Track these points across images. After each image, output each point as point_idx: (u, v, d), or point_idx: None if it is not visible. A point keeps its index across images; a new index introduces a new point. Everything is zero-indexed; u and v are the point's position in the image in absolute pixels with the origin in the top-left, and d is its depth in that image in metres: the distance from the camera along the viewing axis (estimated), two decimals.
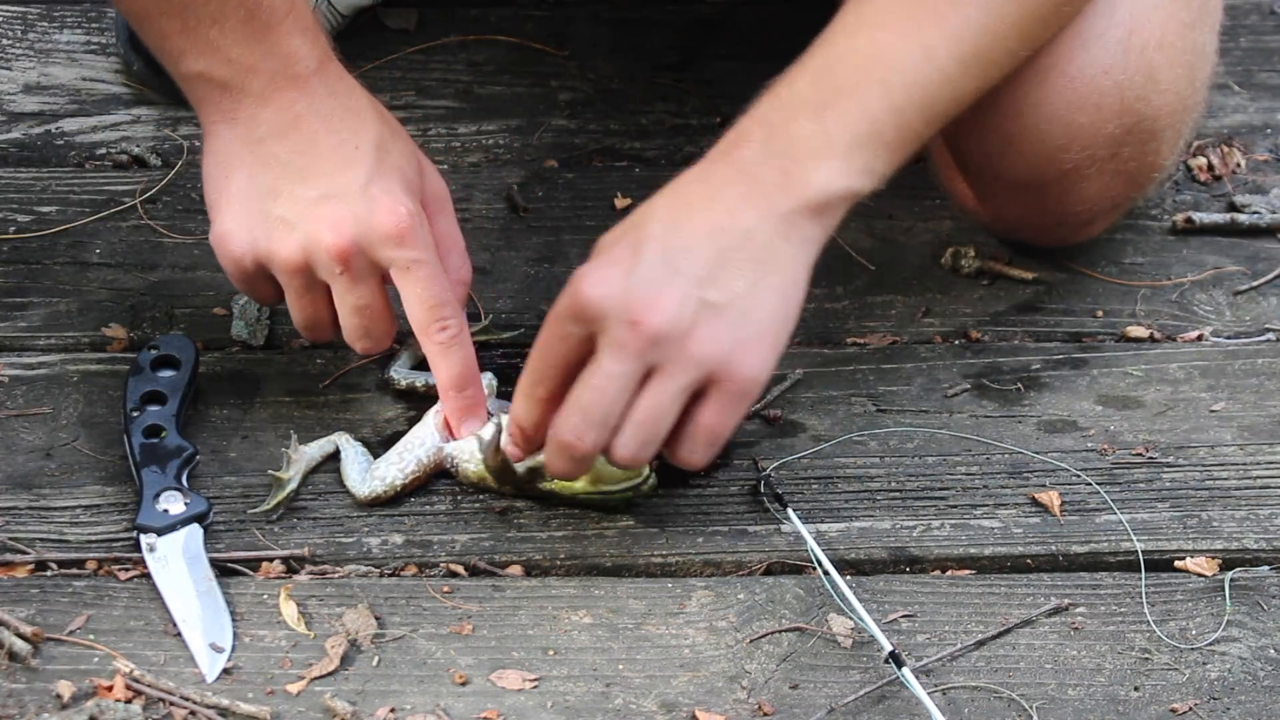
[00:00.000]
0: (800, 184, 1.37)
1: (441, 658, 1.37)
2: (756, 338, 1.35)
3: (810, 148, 1.37)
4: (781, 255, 1.37)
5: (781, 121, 1.39)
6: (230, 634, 1.37)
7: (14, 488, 1.47)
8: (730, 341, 1.34)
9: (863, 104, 1.38)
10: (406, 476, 1.47)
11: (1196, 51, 1.57)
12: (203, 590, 1.39)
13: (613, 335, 1.34)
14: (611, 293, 1.34)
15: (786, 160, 1.37)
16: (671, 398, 1.34)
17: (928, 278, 1.68)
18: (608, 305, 1.34)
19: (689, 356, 1.34)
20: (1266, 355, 1.62)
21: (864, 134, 1.38)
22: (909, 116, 1.39)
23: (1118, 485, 1.51)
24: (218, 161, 1.47)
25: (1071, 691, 1.37)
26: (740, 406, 1.36)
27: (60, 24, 1.90)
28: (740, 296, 1.35)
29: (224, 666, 1.35)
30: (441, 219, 1.50)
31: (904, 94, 1.39)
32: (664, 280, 1.34)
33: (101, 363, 1.57)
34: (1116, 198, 1.61)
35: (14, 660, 1.35)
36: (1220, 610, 1.42)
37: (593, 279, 1.35)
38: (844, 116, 1.38)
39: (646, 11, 1.93)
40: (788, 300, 1.37)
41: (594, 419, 1.34)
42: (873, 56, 1.40)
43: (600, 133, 1.82)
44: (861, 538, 1.47)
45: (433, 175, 1.51)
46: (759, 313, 1.36)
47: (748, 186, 1.37)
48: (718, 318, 1.34)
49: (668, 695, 1.36)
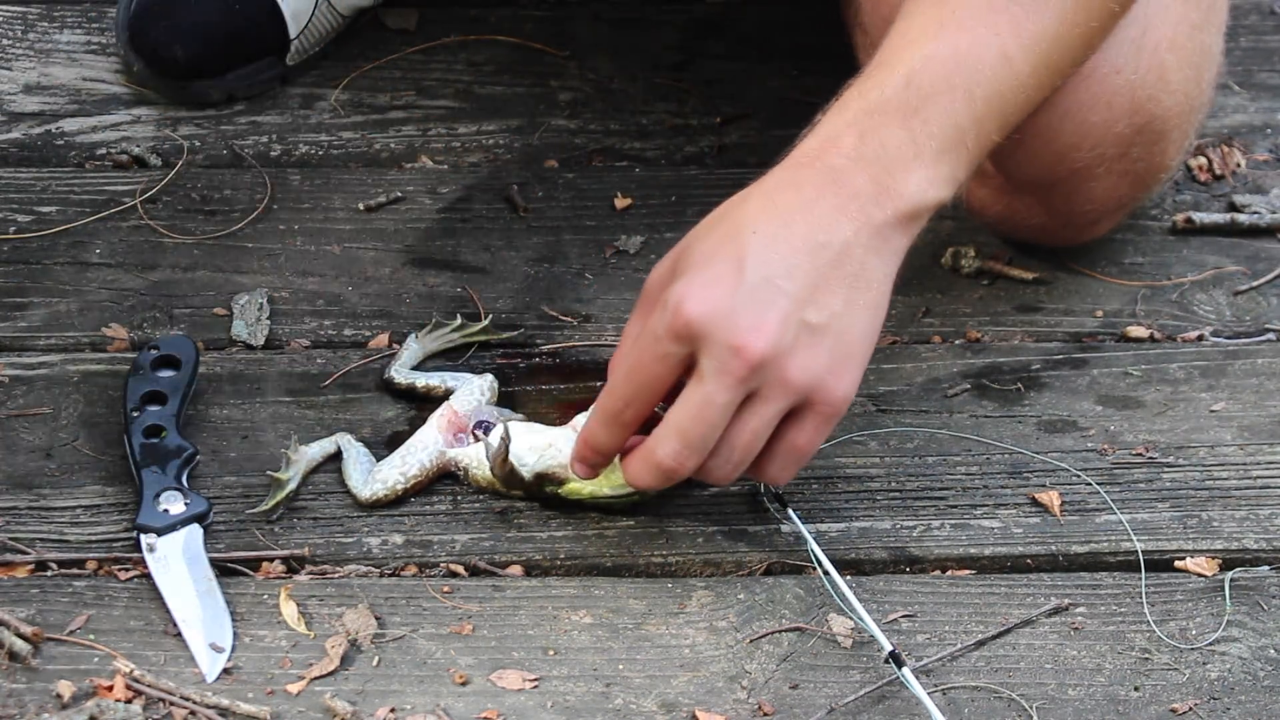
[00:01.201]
0: (893, 194, 1.36)
1: (441, 658, 1.37)
2: (850, 358, 1.36)
3: (901, 156, 1.37)
4: (874, 270, 1.36)
5: (872, 128, 1.37)
6: (230, 634, 1.37)
7: (14, 488, 1.47)
8: (827, 364, 1.35)
9: (949, 112, 1.38)
10: (408, 480, 1.47)
11: (1204, 53, 1.57)
12: (203, 590, 1.39)
13: (717, 359, 1.33)
14: (717, 313, 1.33)
15: (879, 169, 1.36)
16: (768, 422, 1.35)
17: (928, 278, 1.68)
18: (712, 327, 1.33)
19: (789, 381, 1.34)
20: (1266, 355, 1.62)
21: (950, 143, 1.38)
22: (988, 125, 1.39)
23: (1118, 485, 1.51)
24: None
25: (1071, 691, 1.37)
26: (830, 426, 1.37)
27: (60, 24, 1.90)
28: (837, 316, 1.35)
29: (224, 666, 1.35)
30: None
31: (985, 103, 1.39)
32: (768, 302, 1.33)
33: (101, 363, 1.57)
34: (1123, 198, 1.61)
35: (14, 660, 1.35)
36: (1220, 610, 1.42)
37: (696, 298, 1.33)
38: (931, 124, 1.37)
39: (646, 11, 1.93)
40: (877, 316, 1.37)
41: (694, 445, 1.35)
42: (957, 64, 1.39)
43: (600, 133, 1.82)
44: (861, 538, 1.47)
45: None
46: (853, 332, 1.36)
47: (842, 197, 1.36)
48: (816, 340, 1.34)
49: (668, 695, 1.36)
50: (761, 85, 1.86)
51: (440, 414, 1.49)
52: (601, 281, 1.66)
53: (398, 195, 1.74)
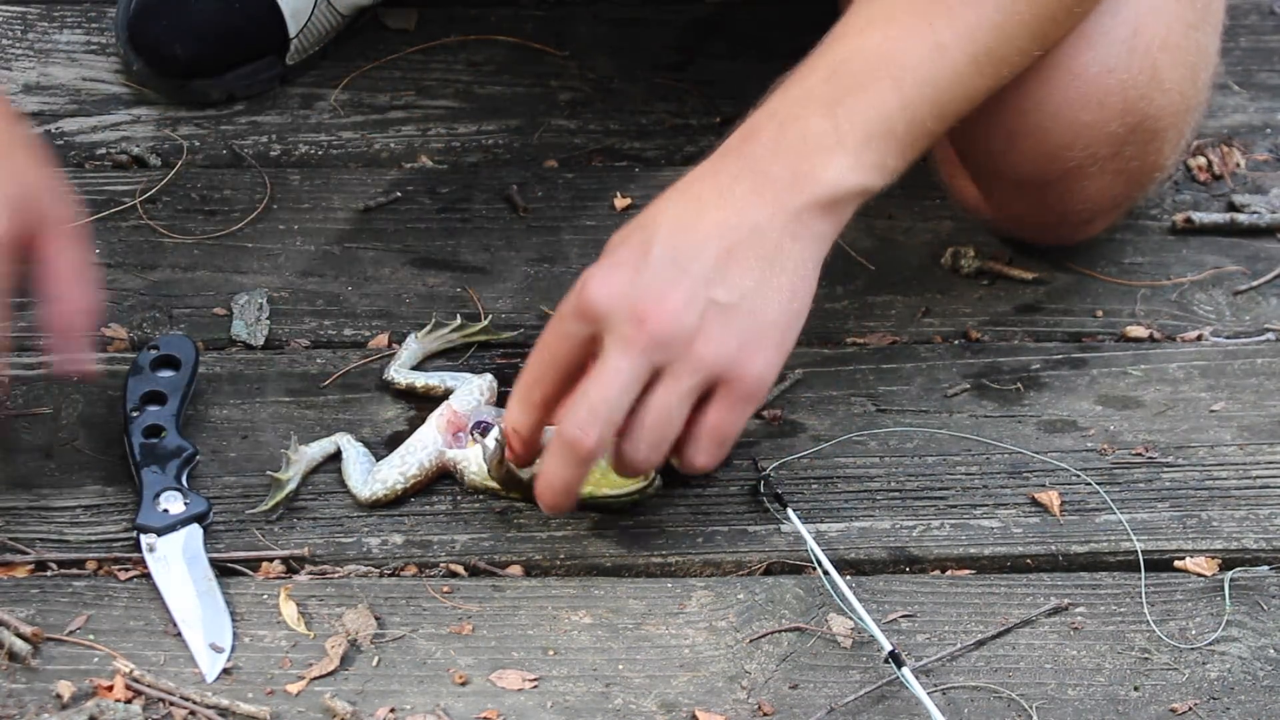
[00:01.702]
0: (810, 180, 1.37)
1: (441, 658, 1.37)
2: (764, 338, 1.35)
3: (822, 145, 1.37)
4: (791, 253, 1.36)
5: (793, 118, 1.38)
6: (230, 634, 1.37)
7: (14, 488, 1.47)
8: (738, 342, 1.34)
9: (875, 101, 1.38)
10: (408, 480, 1.47)
11: (1199, 52, 1.57)
12: (203, 590, 1.39)
13: (619, 333, 1.33)
14: (618, 292, 1.34)
15: (797, 157, 1.37)
16: (679, 399, 1.34)
17: (928, 278, 1.68)
18: (614, 304, 1.34)
19: (696, 357, 1.33)
20: (1266, 355, 1.62)
21: (876, 131, 1.38)
22: (921, 113, 1.39)
23: (1117, 485, 1.51)
24: None
25: (1071, 691, 1.37)
26: (747, 408, 1.36)
27: (60, 24, 1.90)
28: (748, 296, 1.35)
29: (224, 666, 1.35)
30: (54, 246, 1.42)
31: (916, 91, 1.39)
32: (672, 280, 1.34)
33: (101, 363, 1.57)
34: (1118, 197, 1.61)
35: (14, 660, 1.35)
36: (1220, 610, 1.42)
37: (599, 279, 1.35)
38: (855, 113, 1.38)
39: (646, 11, 1.93)
40: (796, 298, 1.37)
41: (600, 414, 1.33)
42: (885, 53, 1.40)
43: (600, 133, 1.82)
44: (861, 538, 1.47)
45: (49, 201, 1.42)
46: (767, 312, 1.35)
47: (757, 182, 1.37)
48: (725, 318, 1.34)
49: (668, 695, 1.36)
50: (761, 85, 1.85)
51: (439, 414, 1.49)
52: None
53: (398, 195, 1.74)
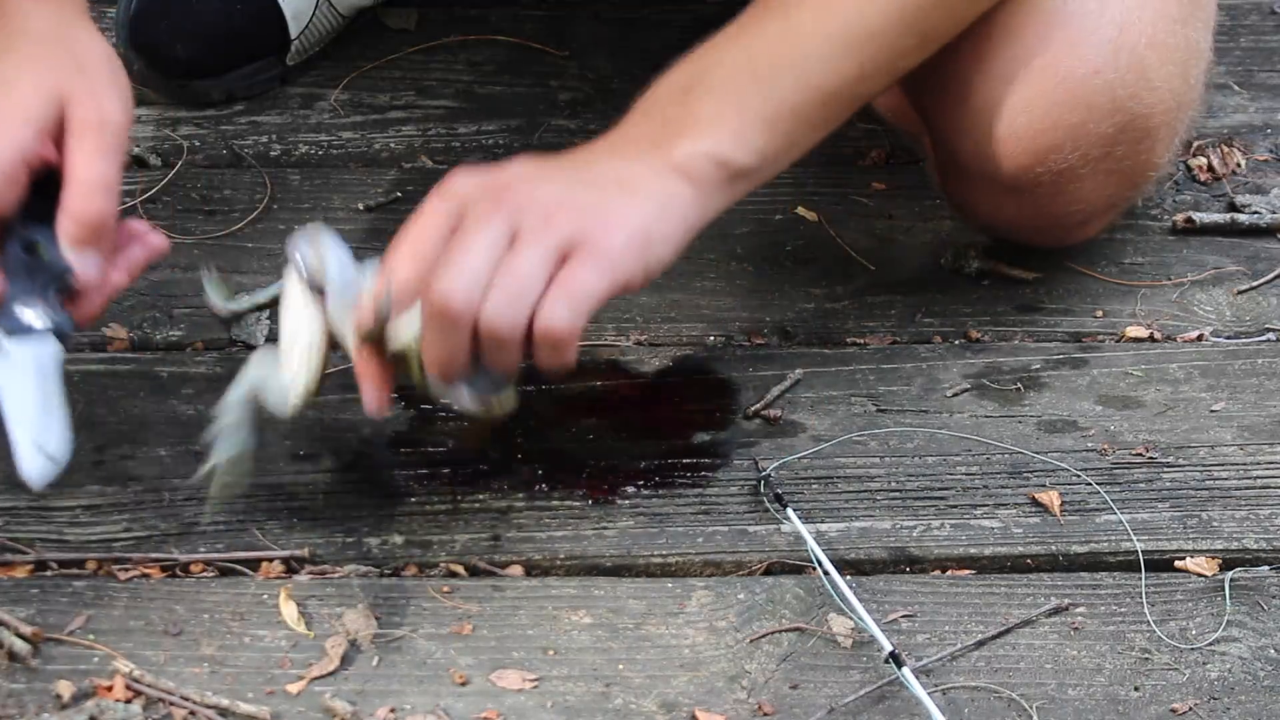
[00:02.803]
0: (662, 146, 1.42)
1: (441, 658, 1.37)
2: (623, 221, 1.38)
3: (676, 120, 1.43)
4: (651, 189, 1.40)
5: (653, 102, 1.45)
6: (65, 447, 1.33)
7: (14, 488, 1.47)
8: (597, 216, 1.37)
9: (724, 81, 1.44)
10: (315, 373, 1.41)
11: (1189, 48, 1.57)
12: (41, 398, 1.35)
13: (480, 208, 1.36)
14: (480, 179, 1.38)
15: (654, 129, 1.43)
16: (535, 256, 1.35)
17: (928, 278, 1.68)
18: (475, 185, 1.38)
19: (552, 222, 1.36)
20: (1266, 355, 1.62)
21: (728, 107, 1.43)
22: (778, 90, 1.44)
23: (1118, 485, 1.51)
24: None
25: (1071, 691, 1.37)
26: (605, 271, 1.36)
27: None
28: (609, 198, 1.39)
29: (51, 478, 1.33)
30: (74, 155, 1.40)
31: (768, 68, 1.44)
32: (532, 173, 1.39)
33: (101, 363, 1.57)
34: (1112, 197, 1.61)
35: (14, 660, 1.35)
36: (1220, 610, 1.42)
37: (461, 171, 1.39)
38: (707, 94, 1.44)
39: (646, 11, 1.93)
40: (659, 220, 1.39)
41: (463, 275, 1.34)
42: (738, 37, 1.46)
43: (600, 132, 1.81)
44: (861, 538, 1.47)
45: (87, 105, 1.40)
46: (627, 211, 1.38)
47: (618, 145, 1.44)
48: (581, 201, 1.37)
49: (668, 695, 1.36)
50: None
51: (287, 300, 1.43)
52: None
53: (397, 195, 1.74)
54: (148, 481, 1.48)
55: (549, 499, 1.48)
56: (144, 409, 1.54)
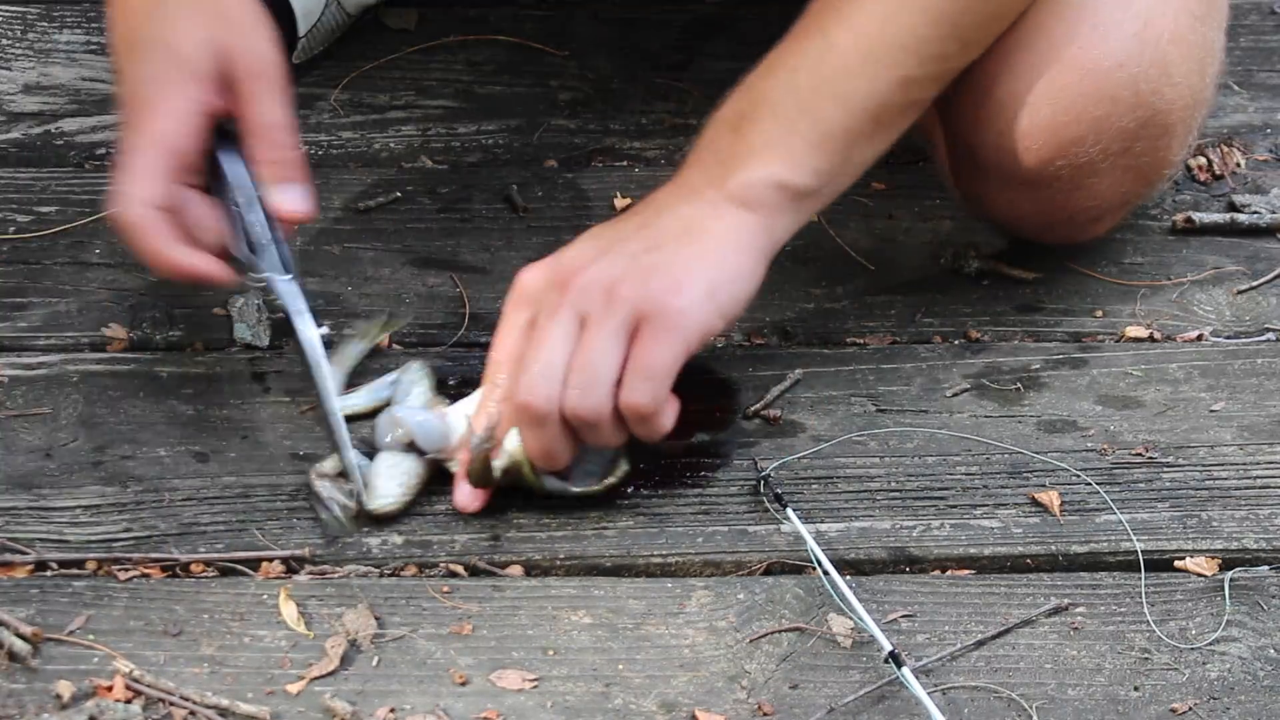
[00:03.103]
0: (720, 181, 1.45)
1: (441, 658, 1.37)
2: (686, 279, 1.42)
3: (731, 155, 1.46)
4: (712, 226, 1.44)
5: (706, 144, 1.48)
6: None
7: (14, 488, 1.47)
8: (659, 283, 1.41)
9: (772, 109, 1.46)
10: (411, 489, 1.47)
11: (1206, 46, 1.58)
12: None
13: (546, 302, 1.42)
14: (543, 273, 1.44)
15: (711, 168, 1.46)
16: (605, 338, 1.40)
17: (928, 278, 1.68)
18: (540, 282, 1.43)
19: (616, 298, 1.40)
20: (1266, 355, 1.62)
21: (778, 134, 1.46)
22: (824, 111, 1.46)
23: (1118, 485, 1.51)
24: None
25: (1071, 691, 1.37)
26: (675, 339, 1.41)
27: (60, 24, 1.90)
28: (670, 254, 1.42)
29: None
30: (253, 104, 1.47)
31: (811, 91, 1.46)
32: (591, 254, 1.44)
33: (101, 363, 1.57)
34: (1127, 194, 1.61)
35: (14, 660, 1.35)
36: (1220, 610, 1.42)
37: (528, 269, 1.45)
38: (757, 124, 1.46)
39: (646, 11, 1.93)
40: (724, 261, 1.44)
41: (541, 375, 1.40)
42: (779, 65, 1.48)
43: (600, 133, 1.82)
44: (861, 538, 1.47)
45: (251, 57, 1.47)
46: (691, 265, 1.43)
47: (681, 193, 1.47)
48: (646, 267, 1.42)
49: (668, 695, 1.36)
50: None
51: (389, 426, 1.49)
52: None
53: (397, 195, 1.74)
54: (148, 481, 1.48)
55: (549, 499, 1.47)
56: (144, 409, 1.54)
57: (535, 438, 1.42)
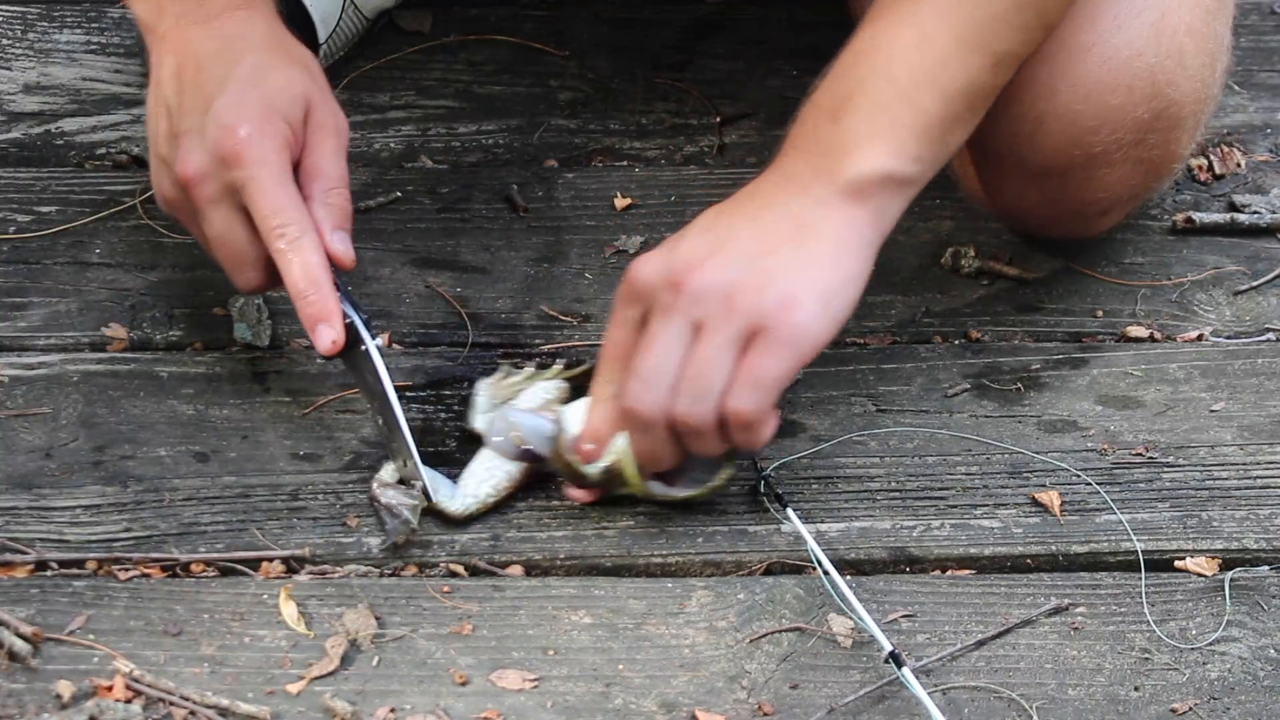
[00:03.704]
0: (828, 173, 1.42)
1: (441, 658, 1.37)
2: (803, 291, 1.40)
3: (834, 145, 1.43)
4: (824, 229, 1.42)
5: (805, 133, 1.45)
6: None
7: (14, 488, 1.47)
8: (775, 294, 1.39)
9: (872, 100, 1.43)
10: (499, 491, 1.47)
11: (1217, 40, 1.59)
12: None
13: (660, 302, 1.40)
14: (657, 268, 1.41)
15: (814, 158, 1.43)
16: (719, 348, 1.38)
17: (928, 278, 1.68)
18: (654, 278, 1.40)
19: (732, 307, 1.38)
20: (1266, 355, 1.62)
21: (879, 126, 1.43)
22: (923, 101, 1.43)
23: (1118, 485, 1.51)
24: (147, 109, 1.53)
25: (1071, 691, 1.37)
26: (789, 354, 1.39)
27: (60, 24, 1.90)
28: (787, 264, 1.40)
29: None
30: (317, 151, 1.50)
31: (910, 82, 1.43)
32: (707, 250, 1.41)
33: (101, 363, 1.57)
34: (1135, 188, 1.61)
35: (14, 660, 1.35)
36: (1220, 610, 1.42)
37: (639, 262, 1.42)
38: (857, 113, 1.43)
39: (646, 11, 1.93)
40: (839, 265, 1.42)
41: (650, 380, 1.39)
42: (873, 52, 1.45)
43: (600, 133, 1.82)
44: (861, 538, 1.47)
45: (324, 110, 1.51)
46: (806, 273, 1.40)
47: (783, 181, 1.44)
48: (762, 273, 1.39)
49: (668, 695, 1.36)
50: (761, 85, 1.86)
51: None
52: (601, 281, 1.66)
53: (397, 195, 1.74)
54: (148, 481, 1.48)
55: (549, 499, 1.48)
56: (144, 409, 1.54)
57: (641, 441, 1.42)
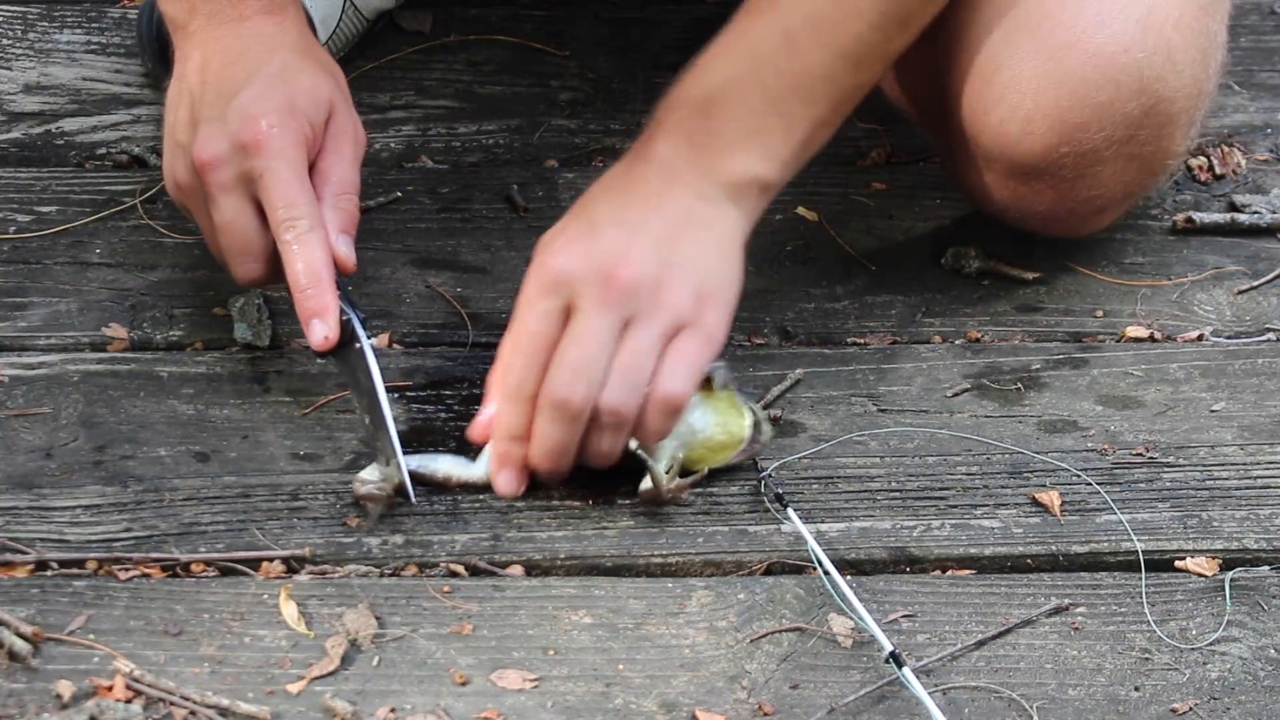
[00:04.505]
0: (707, 171, 1.47)
1: (441, 658, 1.37)
2: (717, 292, 1.45)
3: (708, 143, 1.47)
4: (719, 225, 1.47)
5: (677, 120, 1.48)
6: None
7: (14, 488, 1.47)
8: (694, 294, 1.44)
9: (742, 99, 1.48)
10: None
11: (1209, 36, 1.58)
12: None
13: (590, 293, 1.42)
14: (581, 258, 1.43)
15: (689, 150, 1.47)
16: (650, 343, 1.43)
17: (928, 278, 1.68)
18: (580, 268, 1.43)
19: (662, 304, 1.43)
20: (1266, 355, 1.62)
21: (749, 128, 1.48)
22: (791, 103, 1.48)
23: (1118, 485, 1.51)
24: (168, 98, 1.54)
25: (1071, 691, 1.37)
26: (710, 347, 1.45)
27: (60, 24, 1.90)
28: (695, 259, 1.45)
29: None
30: (333, 156, 1.52)
31: (776, 83, 1.48)
32: (627, 242, 1.44)
33: (101, 363, 1.57)
34: (1130, 185, 1.61)
35: (14, 660, 1.35)
36: (1220, 610, 1.42)
37: (558, 251, 1.45)
38: (728, 113, 1.48)
39: (646, 11, 1.93)
40: (734, 265, 1.47)
41: (582, 372, 1.42)
42: (742, 53, 1.49)
43: (600, 133, 1.82)
44: (861, 538, 1.47)
45: (345, 118, 1.53)
46: (716, 275, 1.46)
47: (669, 177, 1.47)
48: (681, 273, 1.44)
49: (668, 695, 1.36)
50: None
51: None
52: None
53: (398, 195, 1.74)
54: (148, 481, 1.48)
55: (549, 499, 1.48)
56: (144, 409, 1.54)
57: (555, 433, 1.43)
